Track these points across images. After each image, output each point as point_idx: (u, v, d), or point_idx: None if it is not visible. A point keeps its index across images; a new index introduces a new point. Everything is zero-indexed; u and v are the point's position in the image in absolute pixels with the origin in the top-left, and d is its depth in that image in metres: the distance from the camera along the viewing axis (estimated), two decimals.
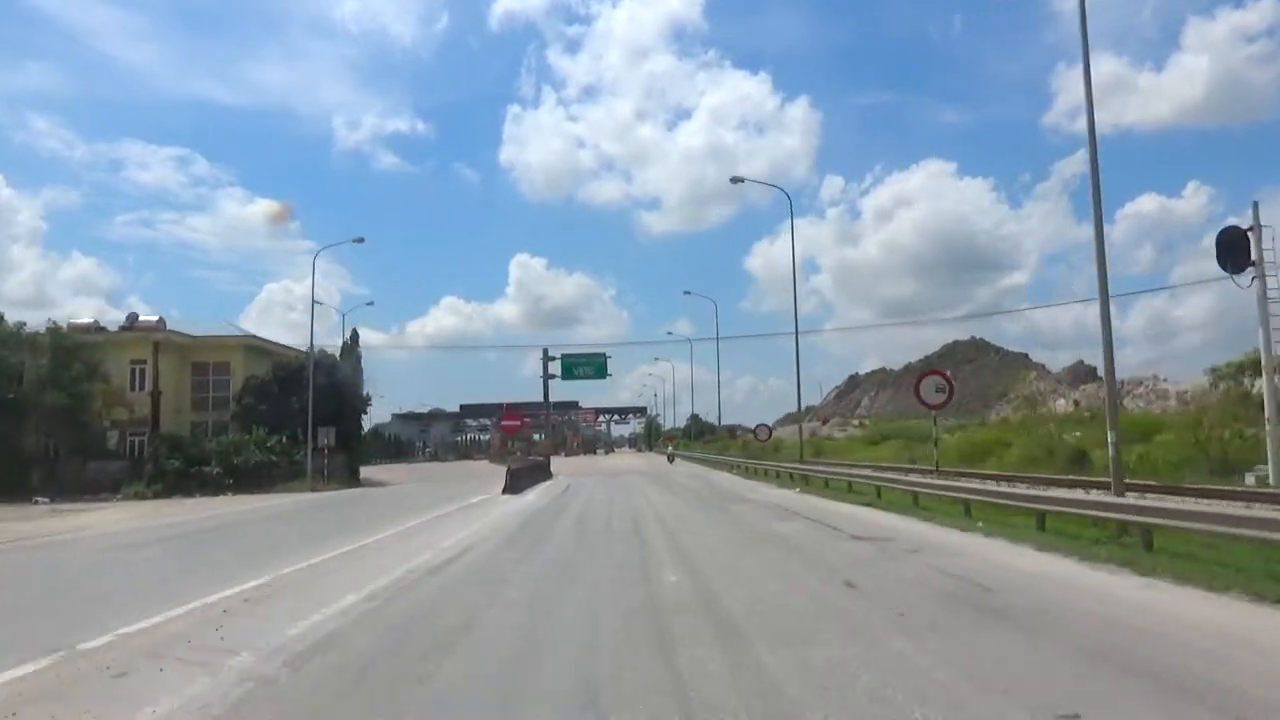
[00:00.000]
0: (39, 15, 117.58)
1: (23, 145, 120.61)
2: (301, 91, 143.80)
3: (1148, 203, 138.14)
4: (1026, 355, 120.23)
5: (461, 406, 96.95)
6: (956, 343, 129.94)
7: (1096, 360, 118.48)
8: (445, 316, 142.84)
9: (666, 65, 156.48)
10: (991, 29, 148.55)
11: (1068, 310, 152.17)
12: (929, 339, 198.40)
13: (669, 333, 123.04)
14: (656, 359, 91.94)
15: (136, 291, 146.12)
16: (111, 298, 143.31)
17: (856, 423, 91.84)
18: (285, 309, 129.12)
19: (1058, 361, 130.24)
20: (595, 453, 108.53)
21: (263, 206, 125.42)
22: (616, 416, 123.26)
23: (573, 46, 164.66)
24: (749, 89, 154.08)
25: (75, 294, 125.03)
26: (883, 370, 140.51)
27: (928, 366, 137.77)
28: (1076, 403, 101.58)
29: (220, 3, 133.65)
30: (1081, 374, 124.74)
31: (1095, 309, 13.97)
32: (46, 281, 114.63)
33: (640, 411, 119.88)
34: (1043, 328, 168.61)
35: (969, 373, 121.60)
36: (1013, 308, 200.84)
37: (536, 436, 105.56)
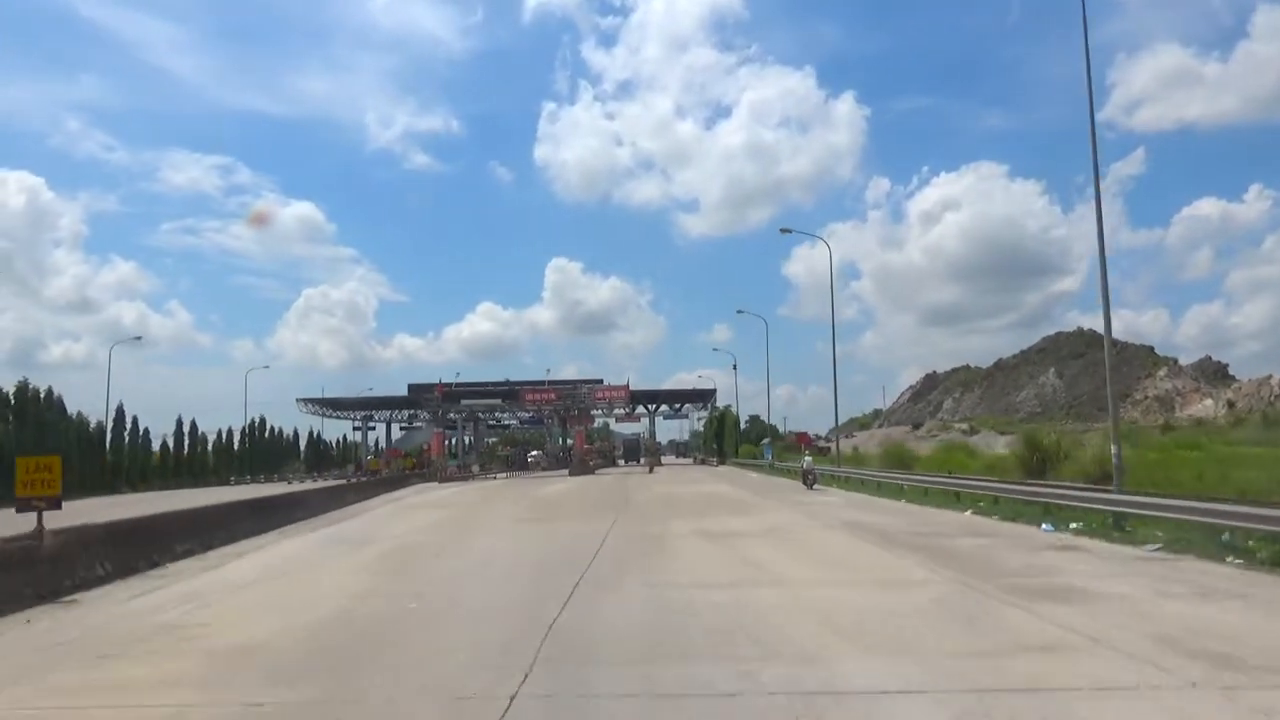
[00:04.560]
0: (92, 28, 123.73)
1: (66, 151, 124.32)
2: (341, 97, 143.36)
3: (1206, 207, 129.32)
4: (1151, 349, 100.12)
5: (410, 388, 63.31)
6: (1060, 334, 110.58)
7: (1225, 356, 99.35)
8: (481, 322, 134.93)
9: (707, 59, 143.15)
10: (1042, 26, 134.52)
11: (1116, 315, 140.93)
12: (974, 346, 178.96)
13: (715, 349, 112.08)
14: (700, 375, 74.99)
15: (176, 296, 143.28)
16: (152, 302, 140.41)
17: (965, 426, 74.58)
18: (324, 314, 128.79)
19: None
20: (637, 461, 71.71)
21: (298, 211, 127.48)
22: (666, 408, 75.56)
23: (608, 40, 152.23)
24: (792, 84, 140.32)
25: (116, 298, 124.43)
26: (966, 368, 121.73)
27: (1025, 361, 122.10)
28: (1230, 403, 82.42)
29: (262, 14, 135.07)
30: (1210, 371, 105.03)
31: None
32: (88, 286, 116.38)
33: (703, 397, 74.60)
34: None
35: (1079, 369, 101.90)
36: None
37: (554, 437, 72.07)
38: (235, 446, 65.41)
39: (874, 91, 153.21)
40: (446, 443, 70.27)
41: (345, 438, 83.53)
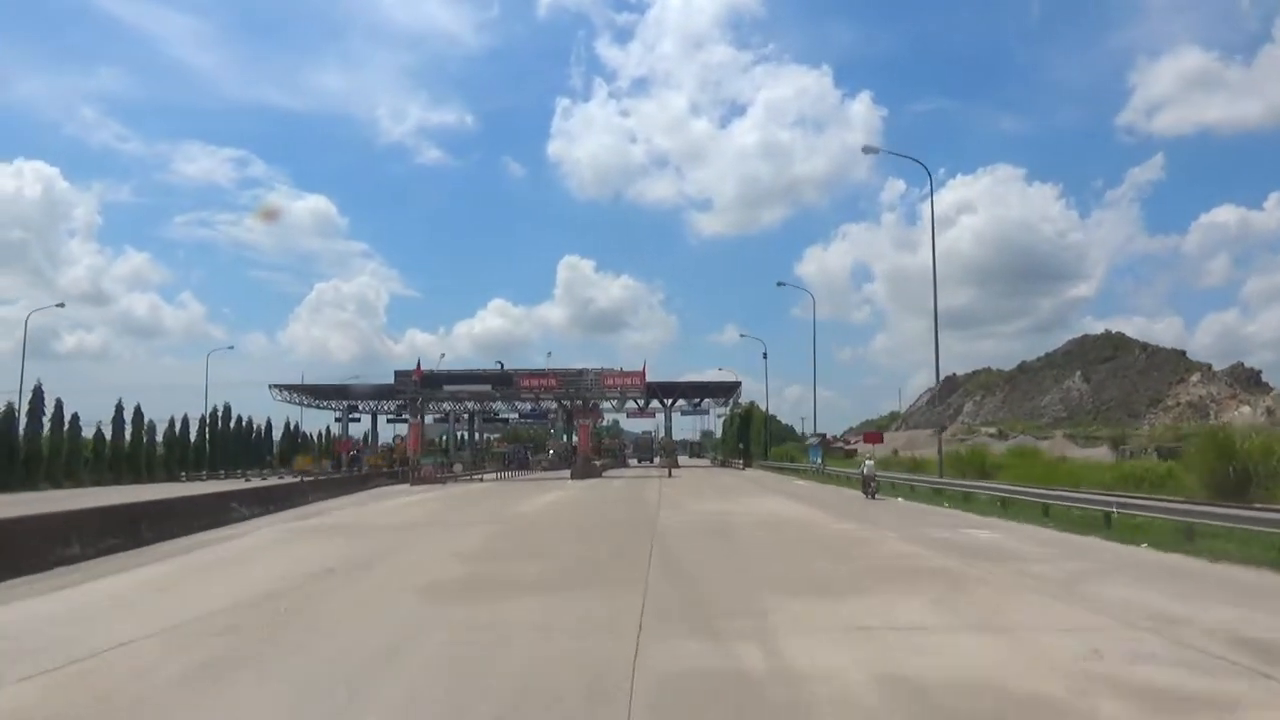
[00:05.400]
0: (109, 21, 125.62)
1: (82, 142, 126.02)
2: (355, 92, 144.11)
3: (1225, 214, 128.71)
4: (1183, 353, 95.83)
5: (397, 374, 51.63)
6: (1086, 337, 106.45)
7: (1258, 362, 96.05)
8: (493, 318, 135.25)
9: (723, 57, 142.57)
10: (1061, 29, 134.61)
11: (1129, 322, 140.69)
12: (988, 350, 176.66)
13: (742, 335, 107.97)
14: (720, 369, 71.47)
15: (189, 288, 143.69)
16: (164, 294, 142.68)
17: (996, 430, 70.38)
18: (335, 308, 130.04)
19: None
20: (650, 460, 67.25)
21: (311, 204, 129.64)
22: (684, 402, 65.89)
23: (623, 36, 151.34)
24: (808, 83, 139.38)
25: (129, 289, 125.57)
26: (987, 371, 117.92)
27: (1050, 365, 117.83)
28: (1270, 410, 78.49)
29: (278, 9, 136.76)
30: (1242, 377, 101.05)
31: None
32: (101, 277, 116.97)
33: (726, 391, 65.69)
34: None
35: (1107, 373, 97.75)
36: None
37: (558, 431, 68.08)
38: (192, 437, 58.42)
39: (891, 92, 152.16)
40: (441, 438, 64.99)
41: (329, 430, 77.54)
